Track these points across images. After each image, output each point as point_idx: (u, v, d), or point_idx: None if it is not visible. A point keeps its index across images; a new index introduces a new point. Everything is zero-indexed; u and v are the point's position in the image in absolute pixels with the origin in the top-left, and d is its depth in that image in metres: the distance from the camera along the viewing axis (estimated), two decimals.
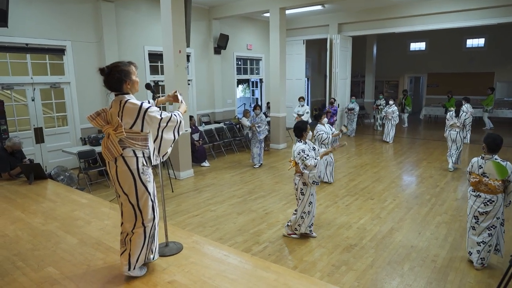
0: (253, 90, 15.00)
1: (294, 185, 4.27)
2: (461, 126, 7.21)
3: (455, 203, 5.56)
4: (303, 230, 4.27)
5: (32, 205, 4.49)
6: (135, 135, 2.57)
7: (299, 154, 4.08)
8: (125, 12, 8.46)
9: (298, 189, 4.22)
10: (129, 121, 2.52)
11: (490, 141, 3.54)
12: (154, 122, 2.60)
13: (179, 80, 6.80)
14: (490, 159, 3.54)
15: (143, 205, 2.61)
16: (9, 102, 7.07)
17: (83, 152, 6.51)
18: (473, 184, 3.63)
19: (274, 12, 9.37)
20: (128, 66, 2.58)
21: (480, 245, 3.61)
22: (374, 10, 10.87)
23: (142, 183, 2.59)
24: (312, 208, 4.27)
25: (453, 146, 7.35)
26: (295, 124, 4.30)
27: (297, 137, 4.24)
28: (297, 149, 4.12)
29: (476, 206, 3.60)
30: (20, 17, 6.76)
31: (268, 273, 2.77)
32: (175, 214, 5.22)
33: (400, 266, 3.71)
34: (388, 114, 10.51)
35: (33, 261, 3.06)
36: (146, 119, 2.55)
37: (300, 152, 4.07)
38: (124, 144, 2.55)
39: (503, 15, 9.21)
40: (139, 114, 2.52)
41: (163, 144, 2.74)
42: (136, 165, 2.56)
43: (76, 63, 7.68)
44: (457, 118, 7.19)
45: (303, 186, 4.18)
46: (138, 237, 2.65)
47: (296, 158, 4.11)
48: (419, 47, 16.44)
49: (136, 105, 2.52)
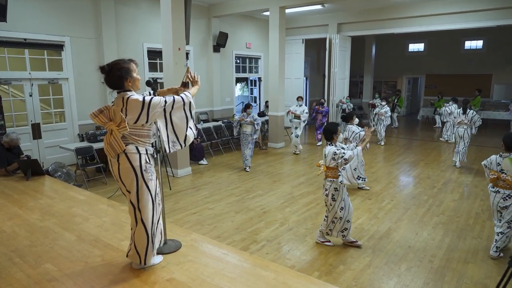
0: (251, 88, 14.99)
1: (324, 191, 4.05)
2: (468, 124, 7.50)
3: (452, 204, 5.58)
4: (335, 234, 4.12)
5: (29, 201, 4.46)
6: (139, 130, 2.56)
7: (335, 154, 3.86)
8: (125, 9, 8.42)
9: (329, 194, 4.00)
10: (133, 116, 2.51)
11: (508, 140, 3.75)
12: (158, 107, 2.55)
13: (178, 77, 6.78)
14: (507, 156, 3.74)
15: (143, 204, 2.61)
16: (7, 97, 7.03)
17: (80, 148, 6.48)
18: (492, 180, 3.83)
19: (274, 11, 9.36)
20: (128, 63, 2.57)
21: (499, 235, 3.83)
22: (373, 10, 10.89)
23: (144, 181, 2.58)
24: (345, 213, 4.03)
25: (461, 142, 7.63)
26: (325, 127, 4.10)
27: (327, 140, 4.03)
28: (329, 152, 3.91)
29: (496, 201, 3.82)
30: (19, 12, 6.71)
31: (267, 272, 2.77)
32: (173, 212, 5.21)
33: (398, 266, 3.72)
34: (381, 115, 10.29)
35: (30, 257, 3.05)
36: (150, 109, 2.52)
37: (334, 155, 3.87)
38: (127, 140, 2.55)
39: (501, 18, 9.25)
40: (143, 106, 2.50)
41: (176, 127, 2.68)
42: (139, 162, 2.55)
43: (74, 59, 7.64)
44: (464, 115, 7.53)
45: (334, 192, 3.97)
46: (141, 233, 2.65)
47: (332, 162, 3.90)
48: (418, 48, 16.50)
49: (139, 99, 2.51)
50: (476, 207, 5.43)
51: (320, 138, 10.29)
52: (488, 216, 5.05)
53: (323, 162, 4.06)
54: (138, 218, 2.62)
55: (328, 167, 3.98)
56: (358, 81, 17.40)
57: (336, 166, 3.91)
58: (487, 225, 4.75)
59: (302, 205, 5.52)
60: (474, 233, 4.54)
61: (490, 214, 5.14)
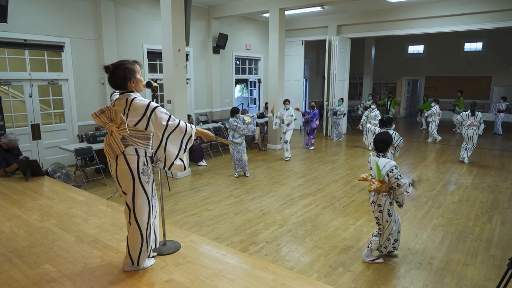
0: (251, 90, 15.00)
1: (377, 207, 3.67)
2: (477, 124, 7.92)
3: (451, 206, 5.58)
4: (390, 248, 3.84)
5: (28, 202, 4.46)
6: (138, 133, 2.56)
7: (392, 172, 3.49)
8: (125, 10, 8.43)
9: (384, 210, 3.65)
10: (135, 118, 2.50)
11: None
12: (160, 122, 2.53)
13: (178, 79, 6.79)
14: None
15: (138, 206, 2.61)
16: (7, 98, 7.03)
17: (80, 149, 6.48)
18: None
19: (273, 13, 9.38)
20: (133, 64, 2.58)
21: None
22: (373, 12, 10.91)
23: (141, 183, 2.58)
24: (398, 226, 3.83)
25: (470, 142, 8.08)
26: (379, 137, 3.70)
27: (380, 151, 3.68)
28: (388, 166, 3.50)
29: None
30: (19, 13, 6.72)
31: (266, 273, 2.77)
32: (172, 213, 5.21)
33: (397, 268, 3.72)
34: (370, 119, 9.87)
35: (29, 258, 3.04)
36: (152, 118, 2.51)
37: (393, 170, 3.49)
38: (126, 142, 2.55)
39: (501, 20, 9.28)
40: (146, 111, 2.49)
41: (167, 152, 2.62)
42: (136, 164, 2.55)
43: (74, 60, 7.65)
44: (473, 117, 7.92)
45: (390, 207, 3.65)
46: (135, 234, 2.66)
47: (386, 177, 3.53)
48: (417, 50, 16.53)
49: (144, 102, 2.50)
50: (475, 209, 5.43)
51: (313, 142, 10.00)
52: (487, 218, 5.06)
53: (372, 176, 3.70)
54: (133, 220, 2.63)
55: (381, 181, 3.60)
56: (358, 83, 17.42)
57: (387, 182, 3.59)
58: (486, 227, 4.76)
59: (301, 207, 5.52)
60: (473, 235, 4.54)
61: (489, 216, 5.15)
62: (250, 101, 15.43)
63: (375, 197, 3.68)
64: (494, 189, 6.43)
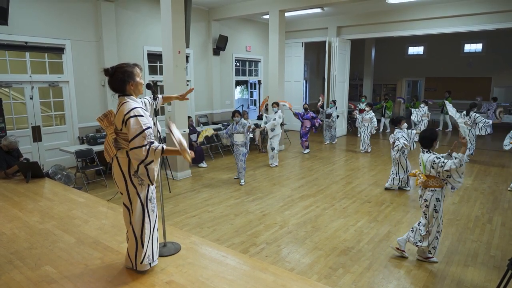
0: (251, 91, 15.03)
1: (424, 202, 3.76)
2: (471, 124, 8.10)
3: (451, 207, 5.58)
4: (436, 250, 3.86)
5: (29, 203, 4.47)
6: (127, 136, 2.52)
7: (435, 163, 3.59)
8: (125, 12, 8.45)
9: (430, 205, 3.70)
10: (118, 122, 2.52)
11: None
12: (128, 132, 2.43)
13: (178, 80, 6.80)
14: None
15: (133, 208, 2.63)
16: (7, 100, 7.05)
17: (80, 151, 6.49)
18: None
19: (273, 14, 9.39)
20: (132, 67, 2.59)
21: None
22: (373, 13, 10.92)
23: (133, 185, 2.60)
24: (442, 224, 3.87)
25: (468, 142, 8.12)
26: (423, 134, 3.83)
27: (425, 147, 3.76)
28: (428, 160, 3.63)
29: None
30: (20, 15, 6.74)
31: (266, 275, 2.77)
32: (172, 215, 5.21)
33: (397, 269, 3.72)
34: (365, 121, 9.63)
35: (30, 259, 3.05)
36: (127, 125, 2.43)
37: (435, 160, 3.59)
38: (119, 145, 2.58)
39: (501, 21, 9.29)
40: (124, 117, 2.45)
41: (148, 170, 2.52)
42: (127, 166, 2.57)
43: (75, 62, 7.66)
44: (467, 117, 8.12)
45: (437, 203, 3.69)
46: (130, 236, 2.69)
47: (432, 171, 3.64)
48: (417, 51, 16.53)
49: (127, 108, 2.47)
50: (475, 210, 5.43)
51: (307, 145, 9.67)
52: (488, 219, 5.06)
53: (421, 171, 3.78)
54: (127, 221, 2.67)
55: (428, 176, 3.71)
56: (358, 84, 17.42)
57: (437, 176, 3.67)
58: (487, 228, 4.75)
59: (301, 208, 5.52)
60: (473, 236, 4.54)
61: (490, 217, 5.15)
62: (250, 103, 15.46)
63: (422, 191, 3.82)
64: (495, 190, 6.43)
